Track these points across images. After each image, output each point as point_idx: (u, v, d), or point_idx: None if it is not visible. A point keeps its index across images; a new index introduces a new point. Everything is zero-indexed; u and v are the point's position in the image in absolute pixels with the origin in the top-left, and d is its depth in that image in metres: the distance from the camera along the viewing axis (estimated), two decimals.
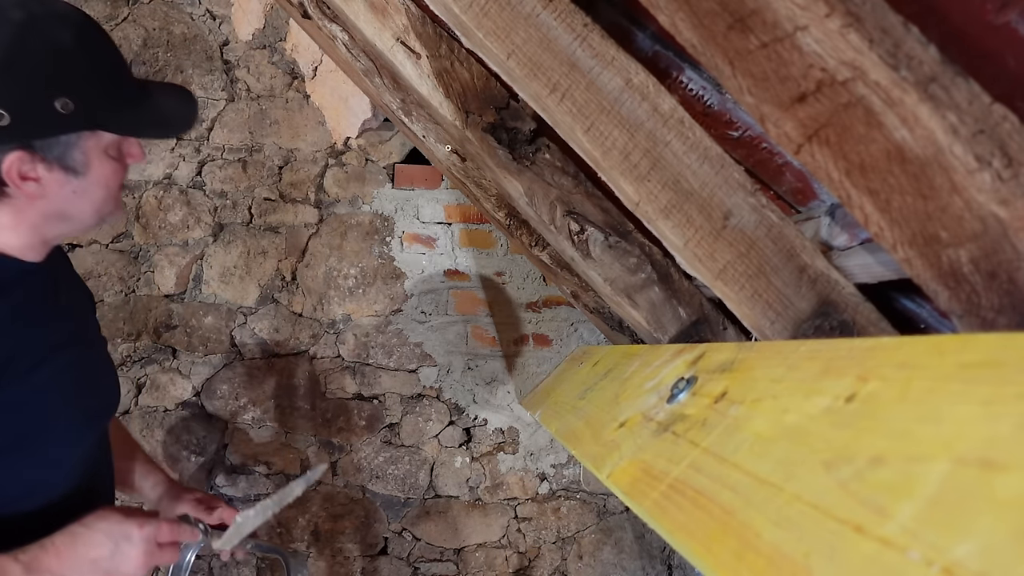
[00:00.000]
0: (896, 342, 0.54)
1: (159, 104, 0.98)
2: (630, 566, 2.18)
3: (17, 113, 0.83)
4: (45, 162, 0.87)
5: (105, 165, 0.93)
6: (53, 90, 0.85)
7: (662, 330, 1.27)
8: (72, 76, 0.86)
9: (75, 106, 0.86)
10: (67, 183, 0.90)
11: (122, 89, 0.93)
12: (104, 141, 0.91)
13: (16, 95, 0.83)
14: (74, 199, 0.92)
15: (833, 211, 0.94)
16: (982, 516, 0.36)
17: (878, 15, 0.56)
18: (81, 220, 0.96)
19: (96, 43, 0.91)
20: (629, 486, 0.78)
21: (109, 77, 0.91)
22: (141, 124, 0.96)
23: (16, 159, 0.85)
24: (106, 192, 0.95)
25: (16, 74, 0.83)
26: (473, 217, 2.09)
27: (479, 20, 0.87)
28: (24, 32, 0.84)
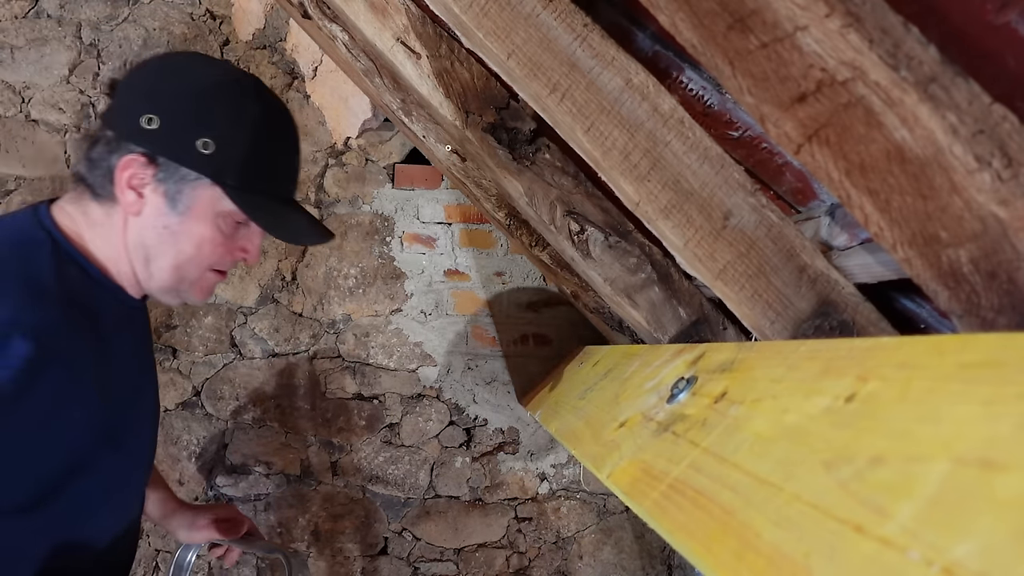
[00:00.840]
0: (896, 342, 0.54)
1: (293, 215, 0.98)
2: (630, 566, 2.18)
3: (165, 127, 0.86)
4: (155, 182, 0.88)
5: (206, 225, 0.91)
6: (207, 130, 0.88)
7: (662, 330, 1.27)
8: (230, 135, 0.89)
9: (212, 153, 0.87)
10: (163, 215, 0.89)
11: (267, 177, 0.94)
12: (219, 206, 0.91)
13: (175, 113, 0.87)
14: (161, 236, 0.90)
15: (833, 211, 0.94)
16: (982, 516, 0.36)
17: (878, 15, 0.56)
18: (159, 269, 0.92)
19: (272, 134, 0.94)
20: (629, 486, 0.78)
21: (260, 161, 0.92)
22: (260, 212, 0.93)
23: (135, 161, 0.87)
24: (194, 254, 0.92)
25: (195, 104, 0.88)
26: (473, 217, 2.09)
27: (479, 20, 0.87)
28: (222, 85, 0.90)
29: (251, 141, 0.91)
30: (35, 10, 1.90)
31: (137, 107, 0.88)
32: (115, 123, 0.89)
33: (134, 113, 0.87)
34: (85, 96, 1.92)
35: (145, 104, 0.88)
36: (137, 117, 0.87)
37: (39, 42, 1.90)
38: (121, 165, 0.87)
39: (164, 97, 0.89)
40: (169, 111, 0.87)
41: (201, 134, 0.87)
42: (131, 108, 0.88)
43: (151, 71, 0.93)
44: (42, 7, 1.91)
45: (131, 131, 0.87)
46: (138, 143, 0.87)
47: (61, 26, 1.91)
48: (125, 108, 0.89)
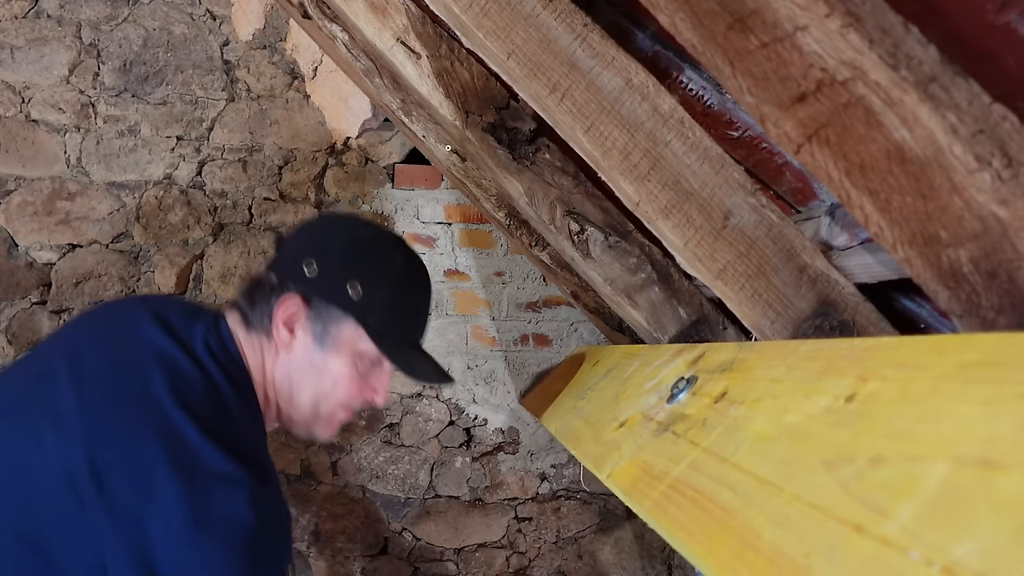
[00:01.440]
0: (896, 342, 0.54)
1: (421, 359, 1.07)
2: (630, 566, 2.18)
3: (321, 271, 0.98)
4: (307, 321, 0.98)
5: (346, 365, 1.00)
6: (357, 275, 0.98)
7: (662, 330, 1.27)
8: (376, 282, 0.99)
9: (362, 297, 0.98)
10: (310, 351, 0.99)
11: (403, 324, 1.04)
12: (360, 346, 1.00)
13: (331, 259, 0.99)
14: (306, 371, 0.99)
15: (833, 211, 0.94)
16: (982, 516, 0.36)
17: (878, 15, 0.56)
18: (300, 403, 1.01)
19: (412, 286, 1.05)
20: (629, 486, 0.78)
21: (403, 309, 1.03)
22: (395, 352, 1.02)
23: (293, 302, 0.98)
24: (331, 390, 1.01)
25: (349, 253, 1.00)
26: (473, 217, 2.09)
27: (479, 20, 0.87)
28: (375, 238, 1.03)
29: (393, 289, 1.01)
30: (35, 10, 1.90)
31: (300, 255, 0.99)
32: (280, 269, 1.01)
33: (297, 260, 0.99)
34: (85, 96, 1.92)
35: (307, 253, 0.99)
36: (300, 263, 0.98)
37: (39, 42, 1.90)
38: (280, 304, 0.98)
39: (324, 247, 1.00)
40: (326, 259, 0.99)
41: (351, 279, 0.98)
42: (295, 256, 1.00)
43: (316, 227, 1.07)
44: (42, 7, 1.91)
45: (293, 275, 0.99)
46: (297, 285, 0.98)
47: (61, 26, 1.91)
48: (290, 256, 1.01)
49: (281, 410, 1.03)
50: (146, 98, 1.94)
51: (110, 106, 1.92)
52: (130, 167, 1.93)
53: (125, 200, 1.94)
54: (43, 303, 1.89)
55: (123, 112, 1.93)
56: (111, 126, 1.92)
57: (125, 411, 0.86)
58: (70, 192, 1.91)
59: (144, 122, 1.94)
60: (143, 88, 1.94)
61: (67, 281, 1.90)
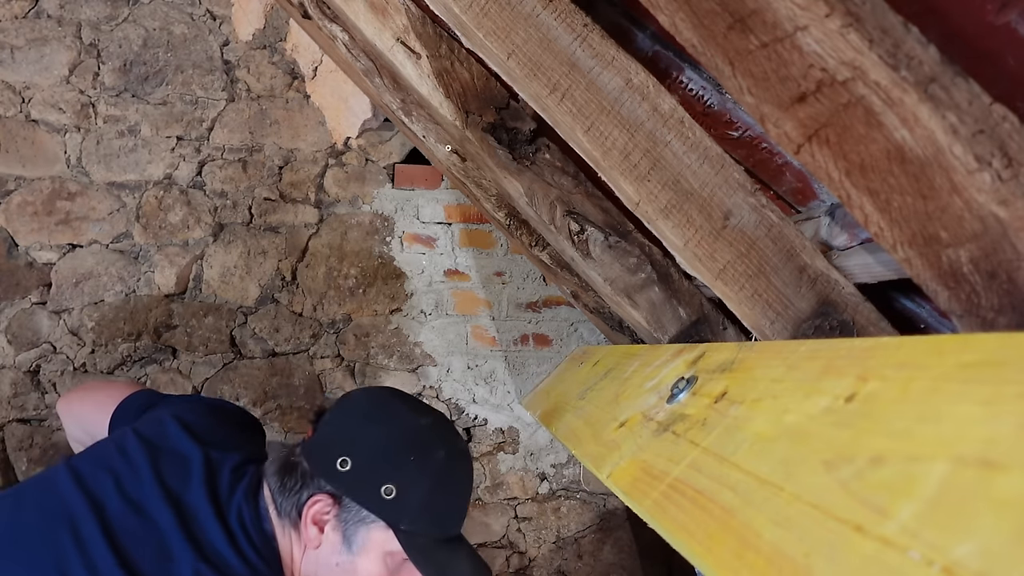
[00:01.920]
0: (896, 342, 0.54)
1: (455, 555, 1.01)
2: (630, 566, 2.18)
3: (355, 470, 0.94)
4: (337, 520, 0.95)
5: (374, 564, 0.96)
6: (393, 477, 0.94)
7: (662, 330, 1.27)
8: (412, 484, 0.95)
9: (393, 499, 0.94)
10: (337, 552, 0.96)
11: (436, 521, 0.99)
12: (390, 547, 0.96)
13: (366, 458, 0.95)
14: (333, 572, 0.96)
15: (833, 211, 0.94)
16: (982, 516, 0.36)
17: (878, 15, 0.56)
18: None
19: (450, 481, 1.00)
20: (629, 486, 0.78)
21: (435, 507, 0.98)
22: (423, 556, 0.97)
23: (323, 500, 0.95)
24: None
25: (386, 451, 0.96)
26: (473, 217, 2.09)
27: (479, 20, 0.87)
28: (417, 431, 0.98)
29: (430, 488, 0.97)
30: (35, 10, 1.90)
31: (336, 449, 0.96)
32: (313, 459, 0.97)
33: (332, 454, 0.95)
34: (85, 96, 1.92)
35: (344, 447, 0.96)
36: (335, 459, 0.95)
37: (39, 42, 1.90)
38: (310, 501, 0.95)
39: (361, 442, 0.96)
40: (362, 456, 0.95)
41: (386, 481, 0.94)
42: (331, 448, 0.96)
43: (357, 412, 1.01)
44: (42, 7, 1.91)
45: (326, 470, 0.95)
46: (329, 482, 0.95)
47: (61, 26, 1.91)
48: (326, 447, 0.97)
49: None
50: (146, 98, 1.94)
51: (110, 106, 1.92)
52: (130, 167, 1.93)
53: (125, 200, 1.93)
54: (43, 303, 1.89)
55: (123, 112, 1.93)
56: (111, 126, 1.92)
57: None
58: (70, 192, 1.91)
59: (144, 122, 1.94)
60: (143, 88, 1.94)
61: (67, 281, 1.90)
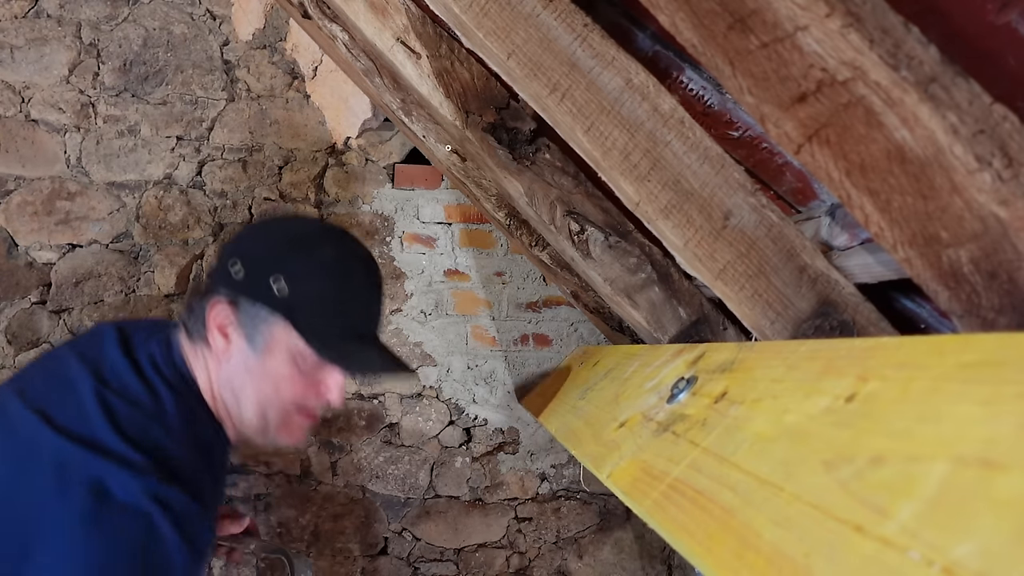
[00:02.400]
0: (896, 342, 0.54)
1: (365, 351, 1.01)
2: (630, 566, 2.18)
3: (246, 270, 0.95)
4: (237, 323, 0.95)
5: (283, 364, 0.95)
6: (281, 269, 0.94)
7: (662, 330, 1.27)
8: (302, 275, 0.95)
9: (287, 292, 0.93)
10: (246, 356, 0.95)
11: (337, 316, 0.97)
12: (295, 345, 0.95)
13: (255, 256, 0.96)
14: (246, 378, 0.96)
15: (833, 211, 0.94)
16: (982, 516, 0.36)
17: (878, 15, 0.56)
18: (246, 410, 0.98)
19: (344, 276, 0.98)
20: (629, 486, 0.78)
21: (332, 300, 0.97)
22: (330, 348, 0.96)
23: (222, 308, 0.95)
24: (274, 395, 0.96)
25: (274, 249, 0.97)
26: (473, 217, 2.09)
27: (479, 20, 0.87)
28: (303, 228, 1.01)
29: (322, 281, 0.96)
30: (35, 10, 1.90)
31: (228, 258, 0.97)
32: (212, 275, 0.99)
33: (225, 263, 0.97)
34: (85, 96, 1.92)
35: (234, 254, 0.97)
36: (227, 266, 0.96)
37: (39, 42, 1.90)
38: (210, 309, 0.95)
39: (250, 247, 0.98)
40: (251, 257, 0.96)
41: (275, 275, 0.93)
42: (224, 259, 0.98)
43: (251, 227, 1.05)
44: (42, 7, 1.91)
45: (222, 278, 0.96)
46: (225, 288, 0.95)
47: (61, 26, 1.91)
48: (221, 261, 0.99)
49: (233, 422, 0.99)
50: (146, 98, 1.94)
51: (110, 106, 1.92)
52: (130, 167, 1.93)
53: (125, 200, 1.93)
54: (43, 303, 1.89)
55: (123, 112, 1.93)
56: (111, 126, 1.92)
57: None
58: (70, 192, 1.90)
59: (144, 122, 1.94)
60: (143, 88, 1.94)
61: (67, 281, 1.90)
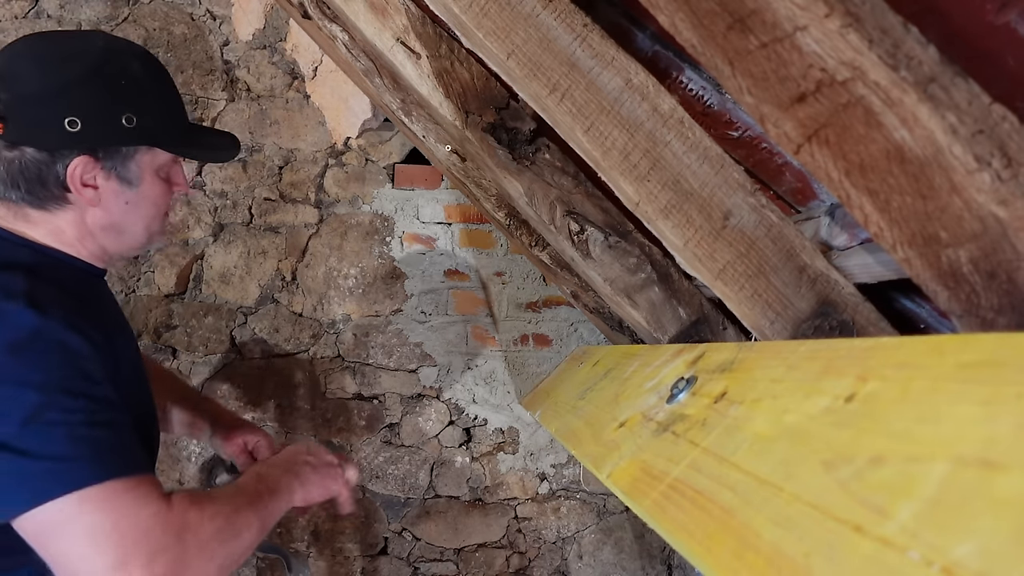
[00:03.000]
0: (896, 342, 0.54)
1: (207, 138, 1.13)
2: (630, 566, 2.18)
3: (88, 122, 0.92)
4: (104, 171, 0.96)
5: (156, 184, 1.02)
6: (120, 106, 0.95)
7: (662, 330, 1.27)
8: (137, 98, 0.97)
9: (137, 122, 0.96)
10: (121, 194, 0.98)
11: (177, 118, 1.05)
12: (157, 161, 1.01)
13: (89, 107, 0.93)
14: (127, 211, 1.00)
15: (833, 211, 0.94)
16: (982, 516, 0.36)
17: (878, 15, 0.56)
18: (133, 235, 1.03)
19: (159, 77, 1.04)
20: (629, 486, 0.78)
21: (167, 106, 1.03)
22: (190, 147, 1.07)
23: (80, 163, 0.93)
24: (155, 210, 1.04)
25: (92, 90, 0.93)
26: (473, 217, 2.09)
27: (479, 20, 0.87)
28: (103, 57, 0.96)
29: (156, 96, 1.01)
30: (35, 10, 1.90)
31: (50, 117, 0.91)
32: (34, 140, 0.92)
33: (52, 124, 0.91)
34: None
35: (56, 110, 0.91)
36: (60, 125, 0.91)
37: None
38: (71, 172, 0.93)
39: (68, 95, 0.92)
40: (82, 106, 0.92)
41: (120, 113, 0.95)
42: (44, 120, 0.92)
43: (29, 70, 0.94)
44: (42, 7, 1.91)
45: (60, 140, 0.92)
46: (74, 147, 0.93)
47: (61, 26, 1.91)
48: (36, 121, 0.92)
49: (110, 250, 1.03)
50: None
51: None
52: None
53: None
54: None
55: None
56: None
57: None
58: None
59: None
60: None
61: None
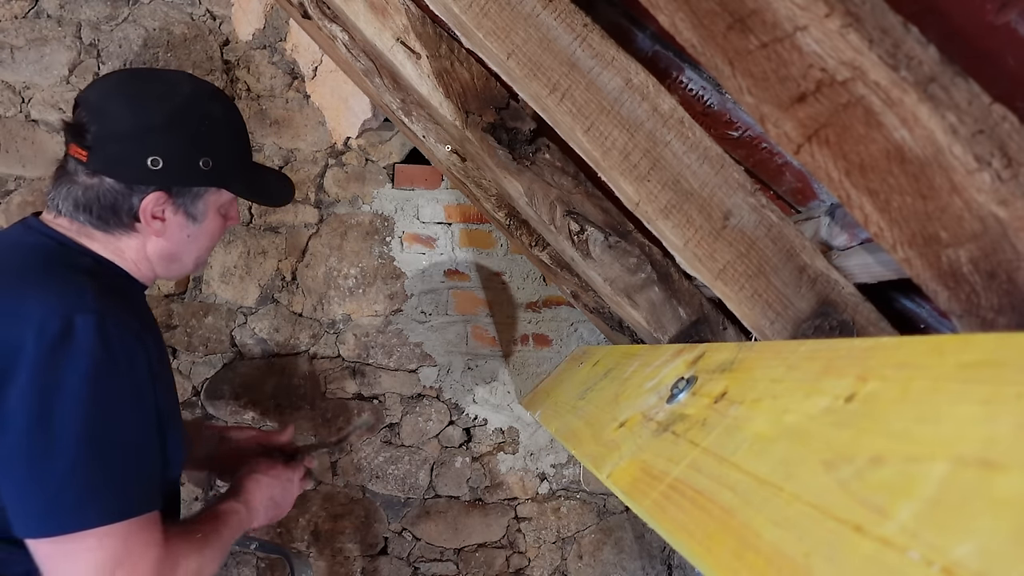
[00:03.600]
0: (896, 342, 0.54)
1: (267, 179, 1.19)
2: (630, 566, 2.18)
3: (169, 162, 1.00)
4: (174, 206, 1.03)
5: (216, 220, 1.10)
6: (200, 150, 1.02)
7: (662, 330, 1.27)
8: (214, 141, 1.05)
9: (213, 165, 1.03)
10: (185, 228, 1.06)
11: (245, 159, 1.13)
12: (222, 199, 1.09)
13: (172, 148, 1.00)
14: (186, 243, 1.08)
15: (833, 211, 0.94)
16: (982, 516, 0.36)
17: (878, 15, 0.56)
18: (184, 264, 1.11)
19: (234, 120, 1.11)
20: (629, 486, 0.78)
21: (239, 148, 1.11)
22: (254, 191, 1.15)
23: (154, 199, 1.00)
24: (210, 243, 1.12)
25: (176, 132, 1.01)
26: (473, 217, 2.09)
27: (479, 20, 0.87)
28: (188, 102, 1.03)
29: (231, 140, 1.08)
30: (35, 10, 1.90)
31: (135, 154, 0.99)
32: (116, 173, 0.99)
33: (136, 160, 0.99)
34: None
35: (141, 148, 0.99)
36: (143, 163, 0.99)
37: (39, 42, 1.90)
38: (144, 206, 1.00)
39: (154, 135, 0.99)
40: (165, 147, 0.99)
41: (199, 156, 1.02)
42: (129, 156, 0.99)
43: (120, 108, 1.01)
44: (42, 7, 1.91)
45: (141, 176, 0.99)
46: (152, 183, 1.00)
47: (61, 26, 1.91)
48: (121, 156, 0.99)
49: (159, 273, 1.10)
50: None
51: None
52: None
53: None
54: None
55: None
56: None
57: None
58: None
59: None
60: None
61: None
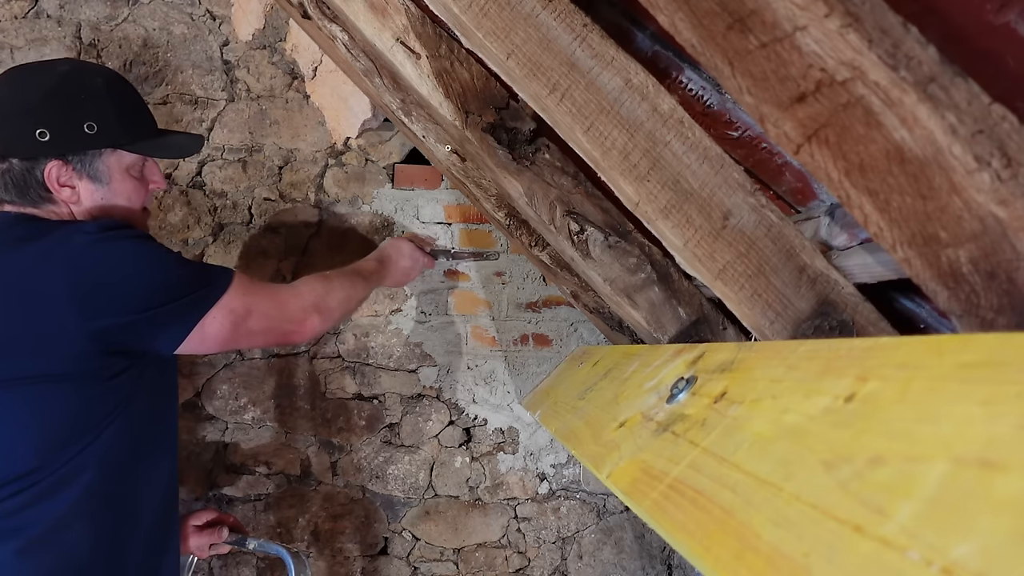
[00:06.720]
0: (896, 342, 0.54)
1: (170, 138, 1.30)
2: (630, 566, 2.18)
3: (55, 132, 1.13)
4: (76, 172, 1.16)
5: (127, 181, 1.20)
6: (82, 116, 1.14)
7: (662, 330, 1.27)
8: (98, 108, 1.16)
9: (98, 128, 1.15)
10: (95, 192, 1.18)
11: (139, 124, 1.24)
12: (124, 161, 1.20)
13: (54, 119, 1.14)
14: (101, 207, 1.18)
15: (833, 211, 0.94)
16: (982, 516, 0.36)
17: (877, 15, 0.56)
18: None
19: (121, 90, 1.23)
20: (629, 486, 0.78)
21: (128, 113, 1.22)
22: (151, 148, 1.24)
23: (54, 167, 1.14)
24: (127, 204, 1.21)
25: (56, 104, 1.14)
26: (473, 217, 2.09)
27: (479, 20, 0.87)
28: (66, 77, 1.17)
29: (115, 105, 1.19)
30: (35, 10, 1.90)
31: (24, 130, 1.12)
32: (15, 151, 1.13)
33: (26, 136, 1.12)
34: None
35: (28, 124, 1.12)
36: (32, 136, 1.12)
37: (39, 42, 1.90)
38: (48, 175, 1.14)
39: (37, 110, 1.13)
40: (48, 119, 1.13)
41: (82, 121, 1.14)
42: (19, 134, 1.12)
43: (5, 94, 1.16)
44: (42, 7, 1.90)
45: (35, 149, 1.13)
46: (46, 153, 1.13)
47: (61, 26, 1.91)
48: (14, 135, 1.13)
49: None
50: (146, 98, 1.94)
51: None
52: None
53: None
54: None
55: None
56: None
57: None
58: None
59: None
60: (143, 88, 1.93)
61: None
